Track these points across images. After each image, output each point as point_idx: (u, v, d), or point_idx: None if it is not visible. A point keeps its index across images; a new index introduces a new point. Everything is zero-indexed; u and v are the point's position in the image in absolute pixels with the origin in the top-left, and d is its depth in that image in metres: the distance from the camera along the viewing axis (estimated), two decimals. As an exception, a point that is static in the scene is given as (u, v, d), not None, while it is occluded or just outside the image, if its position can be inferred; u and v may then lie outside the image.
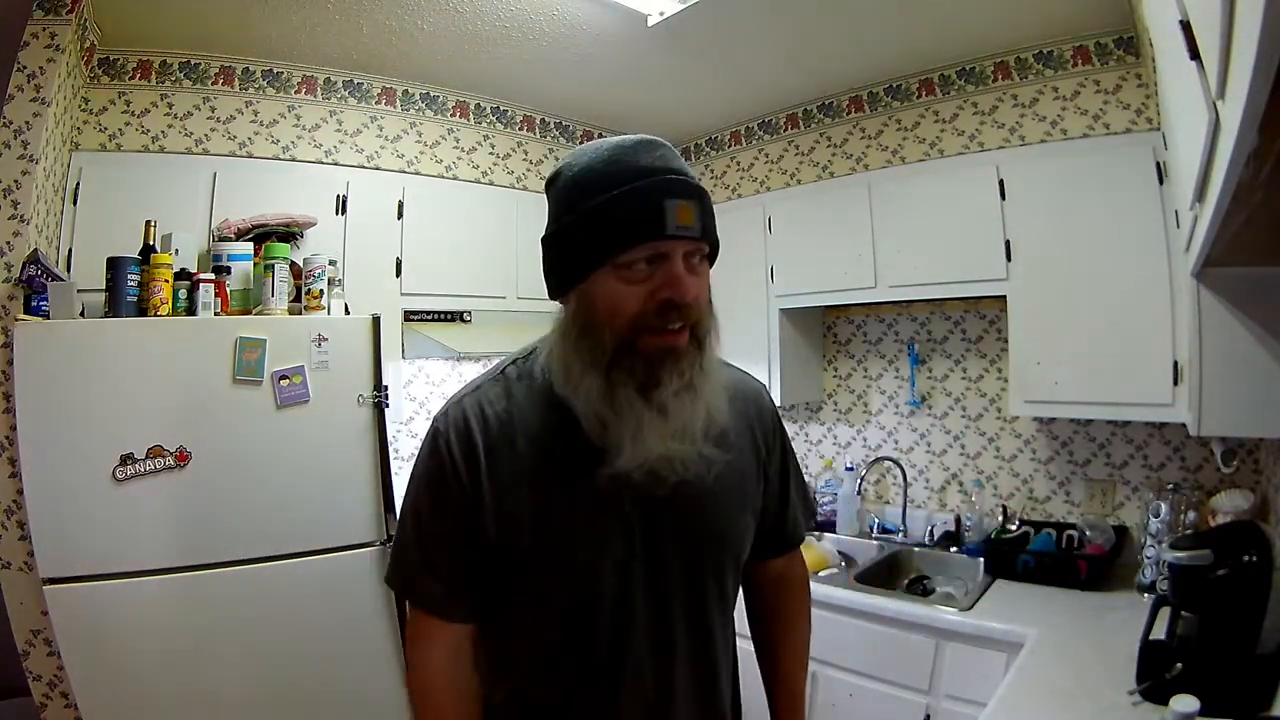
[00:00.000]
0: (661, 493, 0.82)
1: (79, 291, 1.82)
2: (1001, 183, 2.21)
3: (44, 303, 1.75)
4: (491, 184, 2.88)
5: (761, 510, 0.98)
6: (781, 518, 1.03)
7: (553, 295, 0.86)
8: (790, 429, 2.88)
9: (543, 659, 0.87)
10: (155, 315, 1.87)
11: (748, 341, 2.79)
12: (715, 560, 0.90)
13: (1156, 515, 2.00)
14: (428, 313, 2.58)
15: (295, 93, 2.46)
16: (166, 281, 1.90)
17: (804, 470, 1.13)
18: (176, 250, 2.01)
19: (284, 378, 1.91)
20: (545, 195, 0.87)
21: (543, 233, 0.85)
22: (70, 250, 2.01)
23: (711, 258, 0.85)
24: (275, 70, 2.41)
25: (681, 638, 0.88)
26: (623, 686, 0.85)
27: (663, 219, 0.75)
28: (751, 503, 0.96)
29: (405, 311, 2.51)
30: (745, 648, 1.05)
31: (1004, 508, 2.45)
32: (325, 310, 2.10)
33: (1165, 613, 1.44)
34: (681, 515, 0.86)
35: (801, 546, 1.11)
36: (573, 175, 0.81)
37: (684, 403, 0.80)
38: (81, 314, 1.82)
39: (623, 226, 0.76)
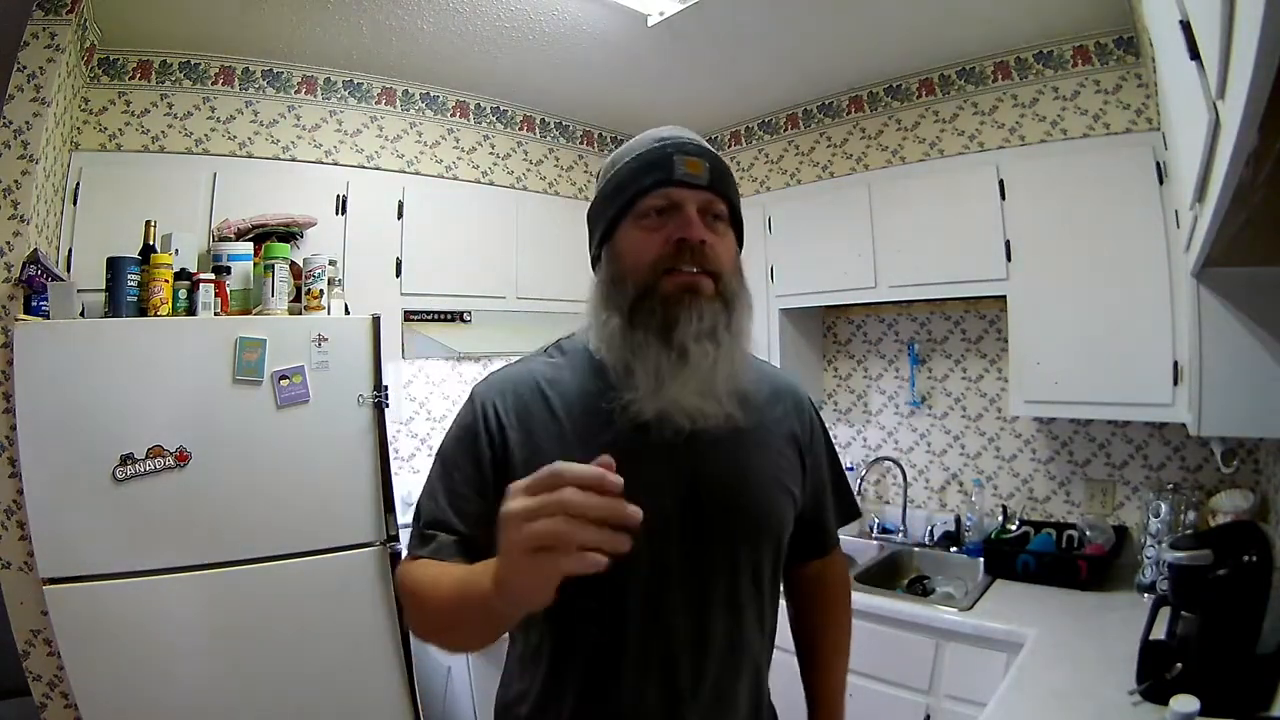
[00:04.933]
0: (698, 459, 0.84)
1: (79, 291, 1.82)
2: (1001, 183, 2.21)
3: (44, 303, 1.75)
4: (491, 184, 2.88)
5: (801, 505, 0.96)
6: (818, 517, 1.02)
7: (593, 264, 0.94)
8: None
9: (570, 642, 0.84)
10: (155, 315, 1.87)
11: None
12: (752, 536, 0.88)
13: (1156, 515, 2.00)
14: (428, 313, 2.58)
15: (295, 93, 2.46)
16: (166, 281, 1.90)
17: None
18: (176, 250, 2.01)
19: (284, 378, 1.91)
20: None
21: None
22: (70, 250, 2.01)
23: (736, 226, 0.91)
24: (275, 70, 2.41)
25: (718, 620, 0.85)
26: (649, 666, 0.82)
27: (671, 167, 0.85)
28: (790, 488, 0.93)
29: (405, 311, 2.51)
30: (787, 661, 1.02)
31: (1004, 508, 2.45)
32: (325, 310, 2.10)
33: (1165, 613, 1.44)
34: (717, 484, 0.86)
35: None
36: (610, 157, 0.94)
37: (705, 350, 0.81)
38: (81, 314, 1.82)
39: (638, 177, 0.86)
